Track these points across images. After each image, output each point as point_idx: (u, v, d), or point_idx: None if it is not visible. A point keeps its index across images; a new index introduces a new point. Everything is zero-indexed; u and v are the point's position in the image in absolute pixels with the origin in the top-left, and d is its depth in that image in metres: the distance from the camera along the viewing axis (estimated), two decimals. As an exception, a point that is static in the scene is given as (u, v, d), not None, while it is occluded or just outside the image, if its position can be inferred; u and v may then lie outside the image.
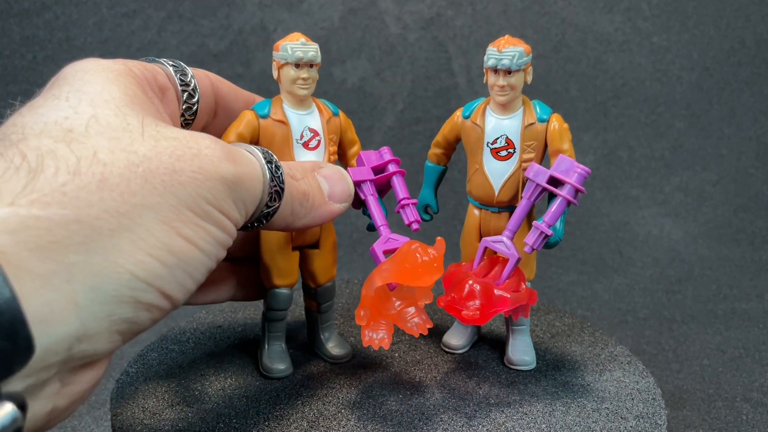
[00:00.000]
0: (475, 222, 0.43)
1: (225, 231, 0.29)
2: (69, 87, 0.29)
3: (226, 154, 0.29)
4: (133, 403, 0.38)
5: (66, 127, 0.26)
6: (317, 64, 0.39)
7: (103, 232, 0.24)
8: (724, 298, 0.74)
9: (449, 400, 0.39)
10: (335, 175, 0.37)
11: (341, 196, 0.37)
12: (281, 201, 0.32)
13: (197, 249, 0.27)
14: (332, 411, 0.38)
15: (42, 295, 0.22)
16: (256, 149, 0.32)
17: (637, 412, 0.38)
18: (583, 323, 0.50)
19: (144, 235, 0.25)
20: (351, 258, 0.80)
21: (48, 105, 0.27)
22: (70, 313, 0.23)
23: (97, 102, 0.28)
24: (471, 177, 0.42)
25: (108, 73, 0.30)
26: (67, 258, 0.23)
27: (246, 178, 0.30)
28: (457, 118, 0.42)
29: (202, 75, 0.39)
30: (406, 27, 0.93)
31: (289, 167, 0.34)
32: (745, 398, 0.54)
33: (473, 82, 0.93)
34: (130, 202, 0.25)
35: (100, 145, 0.26)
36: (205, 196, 0.27)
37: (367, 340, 0.37)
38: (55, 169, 0.24)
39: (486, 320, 0.38)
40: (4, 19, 0.82)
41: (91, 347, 0.24)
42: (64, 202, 0.23)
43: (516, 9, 0.94)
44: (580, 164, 0.38)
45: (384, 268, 0.36)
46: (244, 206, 0.30)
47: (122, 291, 0.24)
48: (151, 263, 0.25)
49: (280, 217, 0.33)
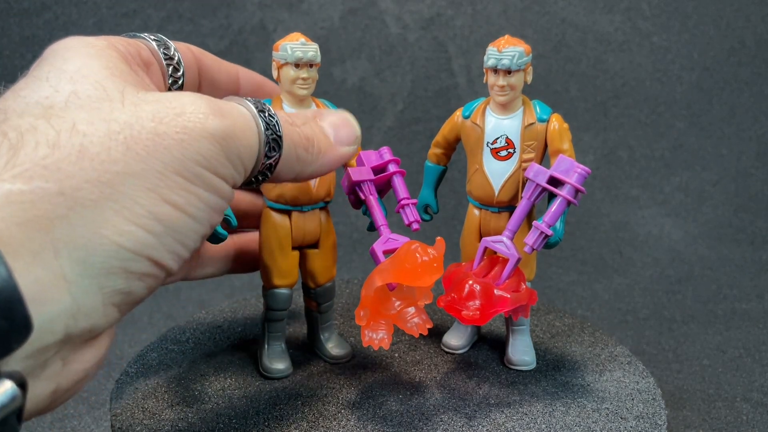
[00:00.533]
0: (475, 222, 0.43)
1: (218, 194, 0.28)
2: (50, 66, 0.28)
3: (212, 109, 0.28)
4: (132, 403, 0.38)
5: (46, 105, 0.26)
6: (317, 64, 0.39)
7: (86, 203, 0.23)
8: (724, 298, 0.74)
9: (449, 401, 0.39)
10: (338, 119, 0.35)
11: (348, 139, 0.35)
12: (281, 150, 0.31)
13: (187, 215, 0.26)
14: (332, 411, 0.38)
15: (32, 272, 0.22)
16: (247, 100, 0.31)
17: (637, 412, 0.38)
18: (583, 323, 0.50)
19: (128, 203, 0.24)
20: (351, 258, 0.80)
21: (30, 86, 0.27)
22: (61, 290, 0.22)
23: (77, 78, 0.27)
24: (471, 177, 0.42)
25: (89, 49, 0.29)
26: (53, 232, 0.22)
27: (238, 131, 0.28)
28: (457, 118, 0.42)
29: (185, 48, 0.38)
30: (406, 27, 0.93)
31: (288, 115, 0.33)
32: (745, 398, 0.54)
33: (473, 82, 0.93)
34: (112, 170, 0.24)
35: (79, 117, 0.25)
36: (195, 158, 0.26)
37: (367, 340, 0.37)
38: (35, 144, 0.24)
39: (486, 320, 0.38)
40: (4, 19, 0.82)
41: (88, 323, 0.24)
42: (45, 175, 0.23)
43: (516, 9, 0.94)
44: (580, 164, 0.38)
45: (384, 268, 0.36)
46: (241, 162, 0.29)
47: (110, 262, 0.24)
48: (137, 232, 0.24)
49: (285, 166, 0.31)
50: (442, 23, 0.93)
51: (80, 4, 0.83)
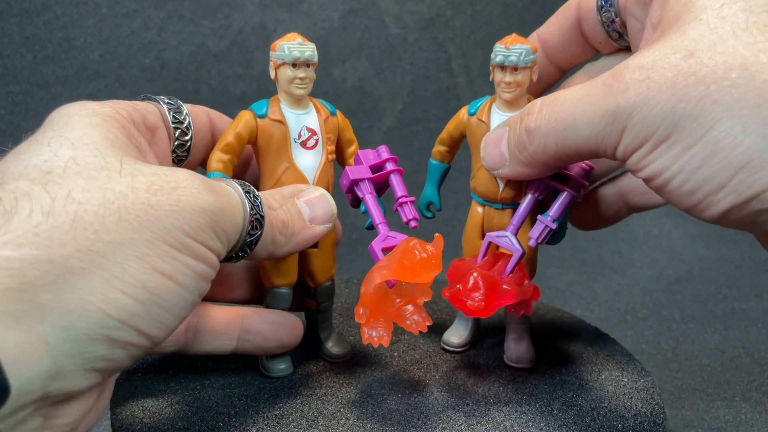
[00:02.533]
0: (477, 219, 0.43)
1: (206, 263, 0.29)
2: (52, 132, 0.29)
3: (205, 185, 0.29)
4: (132, 403, 0.38)
5: (45, 170, 0.26)
6: (314, 64, 0.39)
7: (75, 271, 0.24)
8: (723, 297, 0.74)
9: (448, 399, 0.39)
10: (316, 198, 0.37)
11: (323, 218, 0.37)
12: (263, 229, 0.33)
13: (175, 283, 0.27)
14: (331, 410, 0.38)
15: (14, 336, 0.22)
16: (234, 181, 0.33)
17: (636, 411, 0.38)
18: (582, 323, 0.50)
19: (117, 272, 0.25)
20: (350, 257, 0.81)
21: (31, 150, 0.28)
22: (42, 353, 0.23)
23: (78, 145, 0.28)
24: (475, 174, 0.42)
25: (92, 118, 0.30)
26: (39, 298, 0.23)
27: (226, 208, 0.30)
28: (463, 115, 0.42)
29: (200, 111, 0.39)
30: (406, 27, 0.93)
31: (267, 196, 0.35)
32: (743, 398, 0.54)
33: (473, 82, 0.93)
34: (104, 239, 0.25)
35: (76, 185, 0.26)
36: (184, 229, 0.27)
37: (367, 338, 0.37)
38: (30, 210, 0.24)
39: (490, 312, 0.38)
40: (4, 19, 0.82)
41: (67, 385, 0.24)
42: (36, 242, 0.24)
43: (516, 9, 0.94)
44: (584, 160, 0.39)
45: (382, 265, 0.36)
46: (226, 236, 0.30)
47: (93, 329, 0.24)
48: (124, 300, 0.25)
49: (262, 246, 0.34)
50: (442, 23, 0.93)
51: (81, 4, 0.83)
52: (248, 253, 0.33)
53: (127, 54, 0.84)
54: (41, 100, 0.82)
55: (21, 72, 0.83)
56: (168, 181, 0.28)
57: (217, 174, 0.38)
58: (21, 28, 0.83)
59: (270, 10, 0.89)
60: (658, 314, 0.70)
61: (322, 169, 0.40)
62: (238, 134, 0.38)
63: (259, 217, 0.33)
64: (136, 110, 0.34)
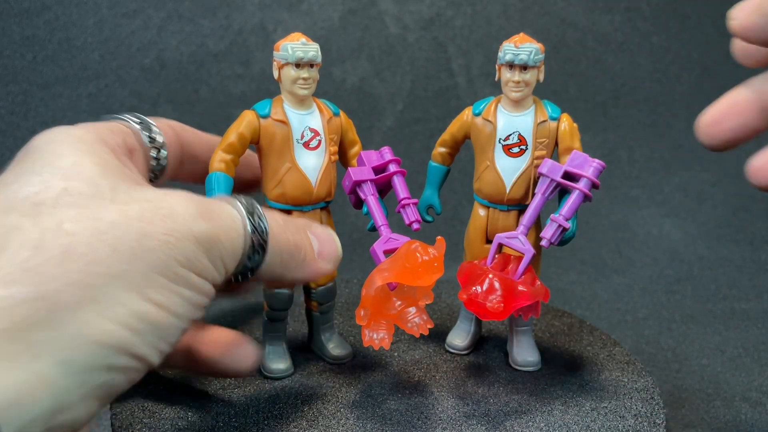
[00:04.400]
0: (481, 223, 0.42)
1: (200, 292, 0.28)
2: (42, 161, 0.28)
3: (200, 211, 0.28)
4: (132, 403, 0.39)
5: (35, 201, 0.26)
6: (318, 64, 0.39)
7: (68, 305, 0.24)
8: (723, 298, 0.74)
9: (448, 400, 0.39)
10: (325, 234, 0.36)
11: (330, 256, 0.36)
12: (266, 254, 0.31)
13: (169, 314, 0.27)
14: (331, 410, 0.38)
15: (10, 377, 0.22)
16: (240, 201, 0.31)
17: (636, 411, 0.39)
18: (582, 323, 0.50)
19: (111, 304, 0.25)
20: (351, 258, 0.80)
21: (20, 181, 0.27)
22: (42, 391, 0.23)
23: (71, 175, 0.28)
24: (480, 175, 0.42)
25: (80, 144, 0.30)
26: (32, 336, 0.23)
27: (222, 234, 0.29)
28: (467, 116, 0.42)
29: (166, 126, 0.38)
30: (405, 27, 0.93)
31: (278, 216, 0.33)
32: (744, 398, 0.54)
33: (473, 82, 0.93)
34: (96, 272, 0.24)
35: (67, 216, 0.25)
36: (178, 259, 0.27)
37: (368, 340, 0.37)
38: (18, 246, 0.24)
39: (508, 314, 0.37)
40: (4, 19, 0.82)
41: (69, 418, 0.24)
42: (25, 279, 0.23)
43: (516, 9, 0.94)
44: (594, 158, 0.39)
45: (384, 267, 0.36)
46: (222, 264, 0.29)
47: (93, 360, 0.24)
48: (120, 332, 0.25)
49: (268, 269, 0.32)
50: (441, 23, 0.93)
51: (80, 4, 0.83)
52: (248, 279, 0.32)
53: (127, 54, 0.84)
54: (41, 100, 0.82)
55: (21, 72, 0.83)
56: (161, 207, 0.27)
57: (219, 176, 0.38)
58: (21, 28, 0.83)
59: (270, 10, 0.89)
60: (658, 314, 0.70)
61: (325, 170, 0.40)
62: (240, 134, 0.38)
63: (262, 241, 0.31)
64: (114, 133, 0.34)
